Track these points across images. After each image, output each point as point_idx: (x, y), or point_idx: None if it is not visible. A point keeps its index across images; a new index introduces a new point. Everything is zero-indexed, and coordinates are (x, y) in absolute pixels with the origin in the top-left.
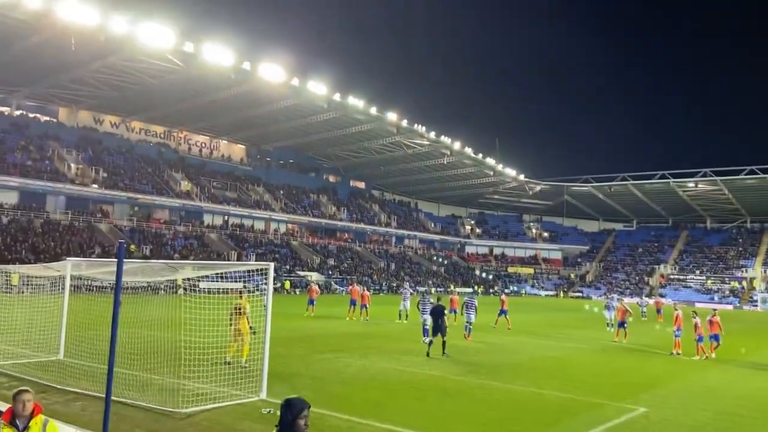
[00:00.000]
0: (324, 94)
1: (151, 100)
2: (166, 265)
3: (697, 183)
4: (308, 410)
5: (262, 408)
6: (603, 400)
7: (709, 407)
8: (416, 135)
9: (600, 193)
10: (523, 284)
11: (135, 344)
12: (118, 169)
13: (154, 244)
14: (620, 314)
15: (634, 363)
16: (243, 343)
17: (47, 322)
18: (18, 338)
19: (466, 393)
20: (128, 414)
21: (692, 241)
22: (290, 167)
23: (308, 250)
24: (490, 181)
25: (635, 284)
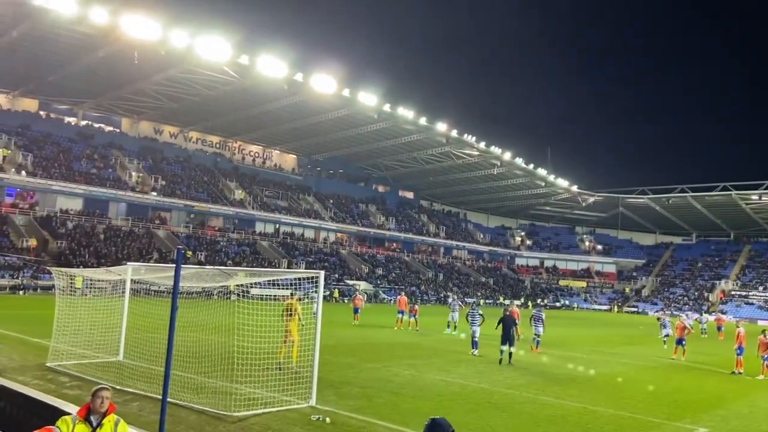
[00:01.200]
0: (374, 105)
1: (207, 111)
2: (220, 272)
3: (761, 195)
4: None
5: (311, 415)
6: (660, 419)
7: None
8: (466, 145)
9: (657, 205)
10: (575, 298)
11: (190, 348)
12: (175, 178)
13: (208, 251)
14: (679, 331)
15: (693, 381)
16: (292, 345)
17: (108, 324)
18: (81, 339)
19: (517, 407)
20: (183, 416)
21: (755, 256)
22: (340, 177)
23: (357, 259)
24: (541, 192)
25: (694, 300)
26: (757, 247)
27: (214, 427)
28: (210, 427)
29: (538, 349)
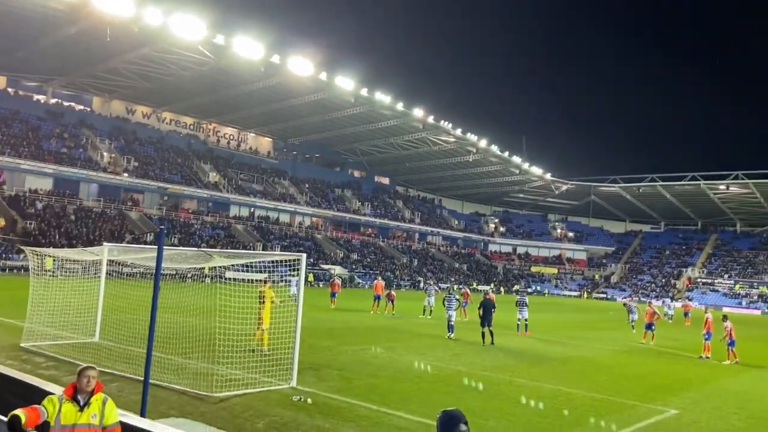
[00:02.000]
0: (351, 89)
1: (182, 92)
2: (201, 253)
3: (729, 185)
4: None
5: (293, 396)
6: (632, 401)
7: (742, 412)
8: (442, 132)
9: (627, 193)
10: (547, 284)
11: (168, 329)
12: (148, 159)
13: (182, 234)
14: (648, 317)
15: (663, 365)
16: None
17: (83, 305)
18: (55, 320)
19: (494, 389)
20: (163, 396)
21: (721, 245)
22: (316, 161)
23: (332, 244)
24: (515, 179)
25: (661, 287)
26: (723, 236)
27: (196, 408)
28: (191, 407)
29: (528, 333)
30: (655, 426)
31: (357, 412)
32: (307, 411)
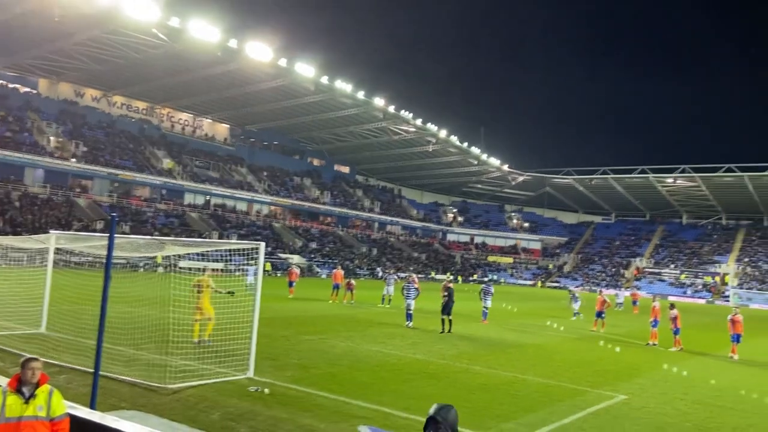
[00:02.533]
0: (311, 77)
1: (134, 75)
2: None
3: (676, 179)
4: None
5: (249, 386)
6: (583, 386)
7: (687, 397)
8: (402, 121)
9: (581, 185)
10: (503, 273)
11: (119, 320)
12: (98, 144)
13: (134, 221)
14: (598, 305)
15: (613, 352)
16: (209, 321)
17: (28, 295)
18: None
19: (451, 377)
20: (114, 388)
21: (668, 236)
22: (274, 149)
23: (290, 233)
24: (473, 170)
25: (611, 276)
26: (669, 228)
27: (148, 399)
28: (143, 399)
29: (485, 321)
30: (606, 411)
31: (315, 401)
32: (264, 401)
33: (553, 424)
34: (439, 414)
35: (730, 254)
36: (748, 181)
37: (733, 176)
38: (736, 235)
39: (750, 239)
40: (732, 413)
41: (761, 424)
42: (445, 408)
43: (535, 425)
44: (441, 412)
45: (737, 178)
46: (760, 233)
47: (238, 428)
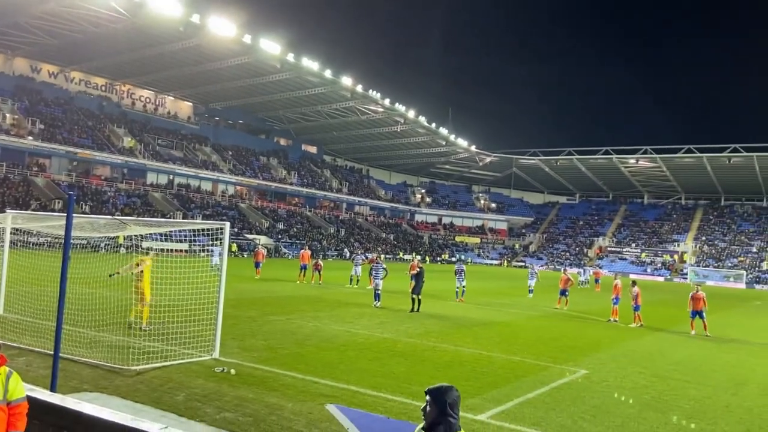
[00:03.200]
0: (277, 54)
1: (92, 50)
2: (115, 221)
3: (638, 159)
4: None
5: (215, 367)
6: (547, 362)
7: (646, 371)
8: (370, 101)
9: (546, 166)
10: (470, 253)
11: (80, 302)
12: (56, 121)
13: (94, 201)
14: (562, 283)
15: (575, 329)
16: (144, 305)
17: None
18: None
19: (418, 355)
20: (75, 370)
21: (630, 215)
22: (240, 128)
23: (257, 213)
24: (442, 150)
25: (575, 255)
26: (631, 207)
27: (111, 381)
28: (106, 381)
29: (463, 299)
30: (568, 385)
31: (282, 381)
32: (230, 381)
33: (517, 399)
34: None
35: (688, 233)
36: (707, 162)
37: (693, 157)
38: (695, 215)
39: (707, 218)
40: (688, 386)
41: (717, 395)
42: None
43: (500, 400)
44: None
45: (696, 159)
46: (717, 212)
47: (204, 408)
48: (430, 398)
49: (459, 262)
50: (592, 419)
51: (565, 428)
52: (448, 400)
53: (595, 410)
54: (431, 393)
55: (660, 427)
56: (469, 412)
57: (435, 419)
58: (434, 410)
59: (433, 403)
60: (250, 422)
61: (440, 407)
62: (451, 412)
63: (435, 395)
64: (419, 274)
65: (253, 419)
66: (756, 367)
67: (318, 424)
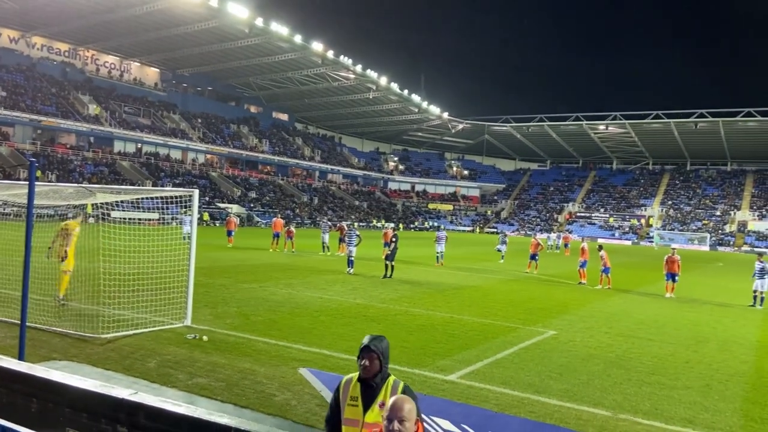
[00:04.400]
0: (245, 18)
1: (53, 15)
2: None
3: (608, 126)
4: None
5: (187, 334)
6: (517, 324)
7: (611, 330)
8: (342, 67)
9: (518, 133)
10: (443, 220)
11: (48, 272)
12: (18, 89)
13: (60, 170)
14: (532, 248)
15: (544, 292)
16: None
17: None
18: None
19: (390, 319)
20: (44, 339)
21: (599, 181)
22: (209, 95)
23: (228, 182)
24: (414, 118)
25: (545, 221)
26: (600, 173)
27: (81, 350)
28: (75, 349)
29: (442, 263)
30: (536, 345)
31: (255, 347)
32: (202, 348)
33: (487, 359)
34: (371, 343)
35: (655, 198)
36: (674, 127)
37: (660, 123)
38: (661, 179)
39: (674, 183)
40: (652, 344)
41: (679, 352)
42: (378, 338)
43: (470, 361)
44: (374, 341)
45: (664, 125)
46: (682, 177)
47: (176, 375)
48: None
49: (440, 230)
50: (558, 377)
51: (532, 386)
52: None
53: (561, 369)
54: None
55: (623, 383)
56: (440, 373)
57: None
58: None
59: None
60: (223, 387)
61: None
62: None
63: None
64: (394, 240)
65: (225, 384)
66: (716, 325)
67: (291, 387)
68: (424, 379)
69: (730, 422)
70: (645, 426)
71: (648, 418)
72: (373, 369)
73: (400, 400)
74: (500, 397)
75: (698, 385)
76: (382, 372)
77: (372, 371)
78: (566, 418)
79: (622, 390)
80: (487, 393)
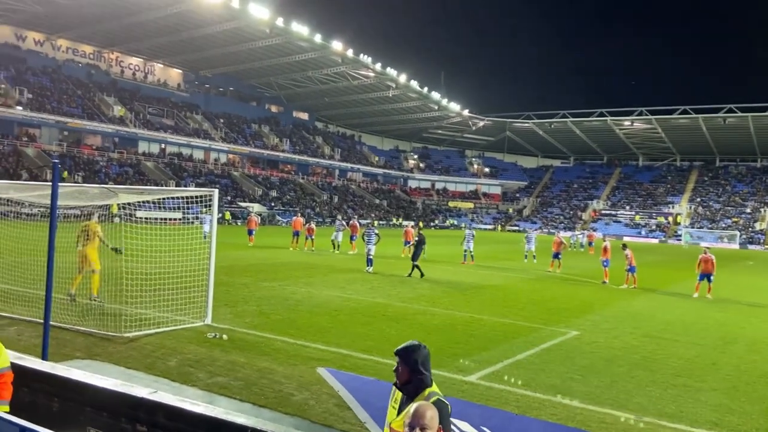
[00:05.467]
0: (266, 19)
1: (78, 17)
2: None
3: (633, 121)
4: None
5: (207, 333)
6: (538, 324)
7: (637, 331)
8: (362, 66)
9: (540, 129)
10: (463, 218)
11: (73, 271)
12: (44, 91)
13: (86, 171)
14: (555, 246)
15: (567, 291)
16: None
17: None
18: None
19: (410, 319)
20: (68, 338)
21: (624, 178)
22: (230, 95)
23: (250, 181)
24: (434, 115)
25: (569, 219)
26: (626, 170)
27: (104, 348)
28: (98, 348)
29: (473, 262)
30: (558, 346)
31: (274, 345)
32: (222, 347)
33: (507, 360)
34: (400, 349)
35: (683, 195)
36: (702, 122)
37: (688, 118)
38: (689, 176)
39: (702, 179)
40: (678, 345)
41: (705, 354)
42: (410, 346)
43: (490, 361)
44: (404, 348)
45: (692, 120)
46: (711, 174)
47: (196, 373)
48: (400, 358)
49: (469, 229)
50: (581, 379)
51: (554, 388)
52: (419, 359)
53: (584, 370)
54: (400, 353)
55: (648, 385)
56: (459, 374)
57: (407, 378)
58: (405, 370)
59: (403, 362)
60: (242, 386)
61: (410, 366)
62: (421, 369)
63: (404, 355)
64: (420, 241)
65: (244, 383)
66: (745, 325)
67: (309, 387)
68: (443, 379)
69: (758, 425)
70: (670, 429)
71: (673, 421)
72: (401, 376)
73: (422, 407)
74: (521, 398)
75: (725, 387)
76: (414, 382)
77: (400, 379)
78: (589, 421)
79: (647, 392)
80: (507, 395)
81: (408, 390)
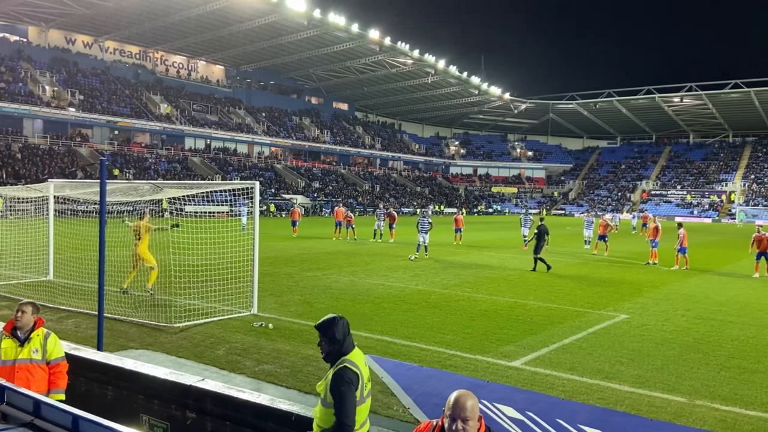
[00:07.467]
0: (303, 11)
1: (123, 18)
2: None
3: (682, 98)
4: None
5: (254, 322)
6: (585, 308)
7: (688, 314)
8: (399, 53)
9: (585, 110)
10: (507, 204)
11: (125, 265)
12: (94, 92)
13: (136, 168)
14: (601, 229)
15: (615, 274)
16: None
17: (35, 244)
18: (7, 261)
19: (453, 305)
20: (122, 329)
21: (674, 157)
22: (271, 89)
23: (292, 173)
24: (474, 100)
25: (617, 200)
26: (676, 149)
27: (155, 338)
28: (151, 338)
29: (525, 247)
30: (606, 330)
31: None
32: (268, 336)
33: (553, 345)
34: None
35: (736, 172)
36: (754, 96)
37: (740, 92)
38: (743, 152)
39: (756, 155)
40: (732, 326)
41: (760, 335)
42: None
43: (535, 346)
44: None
45: (743, 94)
46: (765, 149)
47: (243, 361)
48: (320, 333)
49: (526, 214)
50: (630, 362)
51: (601, 372)
52: (336, 331)
53: (633, 354)
54: (319, 328)
55: (701, 368)
56: (503, 359)
57: (327, 350)
58: (325, 342)
59: (323, 336)
60: (288, 373)
61: (329, 338)
62: (339, 339)
63: (322, 329)
64: (540, 232)
65: (290, 371)
66: None
67: None
68: (487, 365)
69: None
70: (723, 412)
71: (726, 403)
72: (323, 349)
73: (463, 397)
74: (567, 383)
75: None
76: (332, 353)
77: (323, 351)
78: (638, 405)
79: (699, 375)
80: (553, 379)
81: (329, 360)
